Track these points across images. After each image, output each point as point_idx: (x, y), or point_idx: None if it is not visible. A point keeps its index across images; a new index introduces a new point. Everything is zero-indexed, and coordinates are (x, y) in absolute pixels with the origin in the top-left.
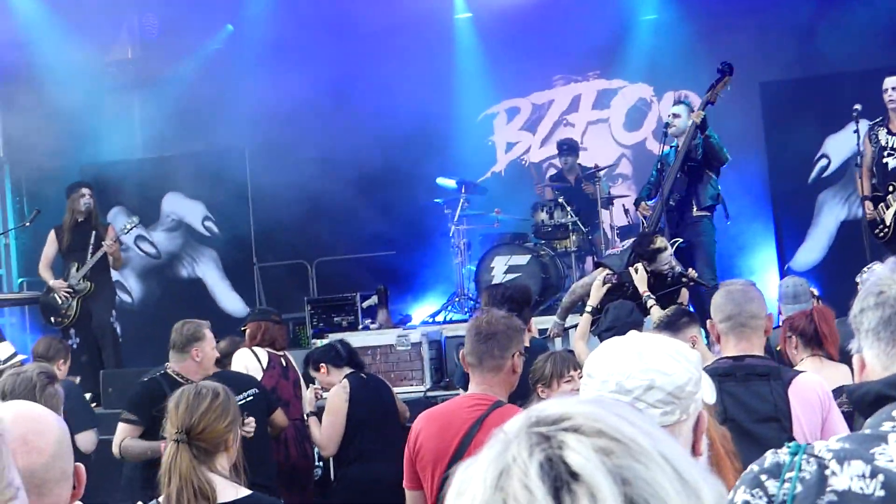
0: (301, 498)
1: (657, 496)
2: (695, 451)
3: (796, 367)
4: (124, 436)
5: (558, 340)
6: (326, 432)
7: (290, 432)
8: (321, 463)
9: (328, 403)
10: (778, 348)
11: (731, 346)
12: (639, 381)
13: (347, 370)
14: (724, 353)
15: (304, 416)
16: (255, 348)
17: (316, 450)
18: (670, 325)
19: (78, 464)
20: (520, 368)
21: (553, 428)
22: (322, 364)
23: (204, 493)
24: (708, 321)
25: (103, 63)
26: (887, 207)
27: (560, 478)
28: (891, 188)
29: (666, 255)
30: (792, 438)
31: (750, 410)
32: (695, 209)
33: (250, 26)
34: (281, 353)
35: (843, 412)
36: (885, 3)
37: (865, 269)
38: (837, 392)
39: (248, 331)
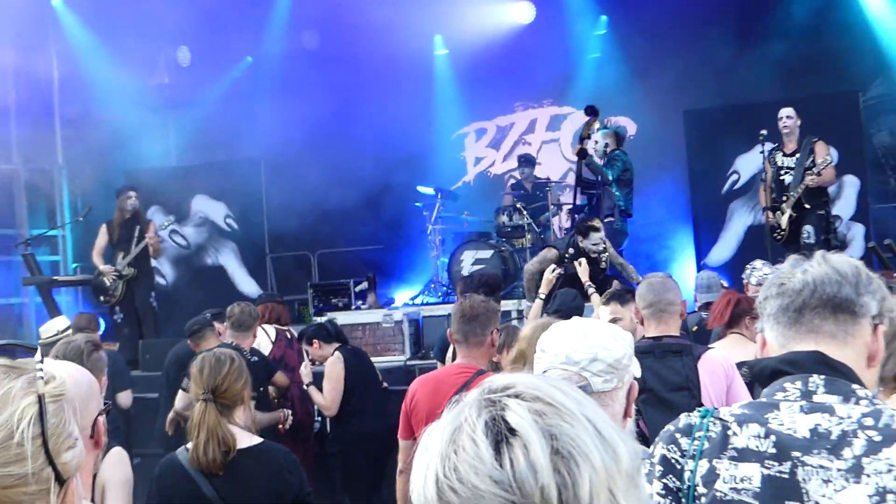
0: (303, 447)
1: (579, 449)
2: (626, 413)
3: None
4: None
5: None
6: (330, 396)
7: (296, 393)
8: (319, 419)
9: (328, 373)
10: (694, 329)
11: (651, 328)
12: (585, 355)
13: (336, 344)
14: (646, 333)
15: (305, 385)
16: (264, 326)
17: (315, 408)
18: (619, 298)
19: (99, 417)
20: (497, 342)
21: (499, 394)
22: (314, 340)
23: (226, 441)
24: (633, 307)
25: (145, 86)
26: (782, 214)
27: (501, 433)
28: (784, 198)
29: (598, 236)
30: (701, 404)
31: (665, 381)
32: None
33: (267, 59)
34: (286, 327)
35: (746, 382)
36: (786, 44)
37: (748, 267)
38: (740, 365)
39: (260, 311)
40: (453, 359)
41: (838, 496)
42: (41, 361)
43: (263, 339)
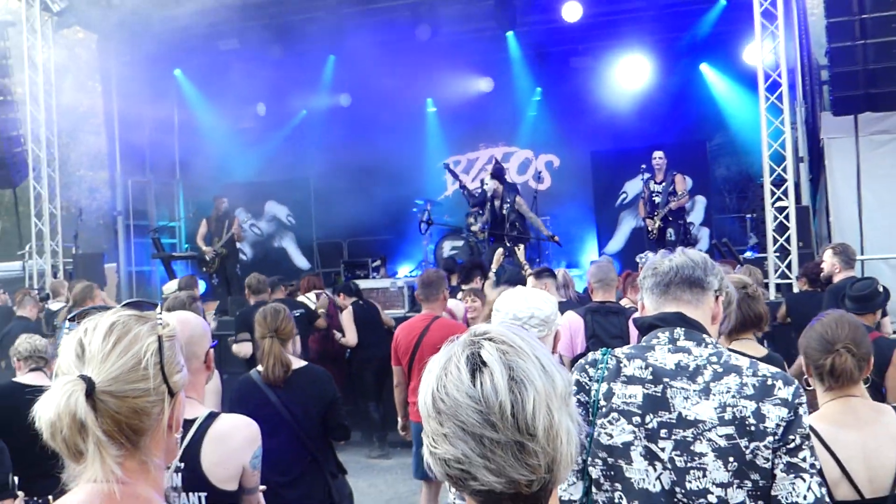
0: (338, 368)
1: (528, 377)
2: (554, 350)
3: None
4: None
5: None
6: (349, 335)
7: (333, 333)
8: (348, 350)
9: (344, 321)
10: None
11: (598, 295)
12: (525, 313)
13: (354, 299)
14: (595, 299)
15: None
16: (306, 294)
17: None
18: (539, 276)
19: (210, 349)
20: (447, 299)
21: (478, 337)
22: (341, 293)
23: (286, 363)
24: (546, 282)
25: (235, 128)
26: (654, 223)
27: (476, 364)
28: (655, 213)
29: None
30: None
31: (606, 331)
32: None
33: (315, 112)
34: (321, 290)
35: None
36: (660, 106)
37: (640, 255)
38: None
39: (303, 283)
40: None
41: (694, 408)
42: (160, 313)
43: (308, 302)
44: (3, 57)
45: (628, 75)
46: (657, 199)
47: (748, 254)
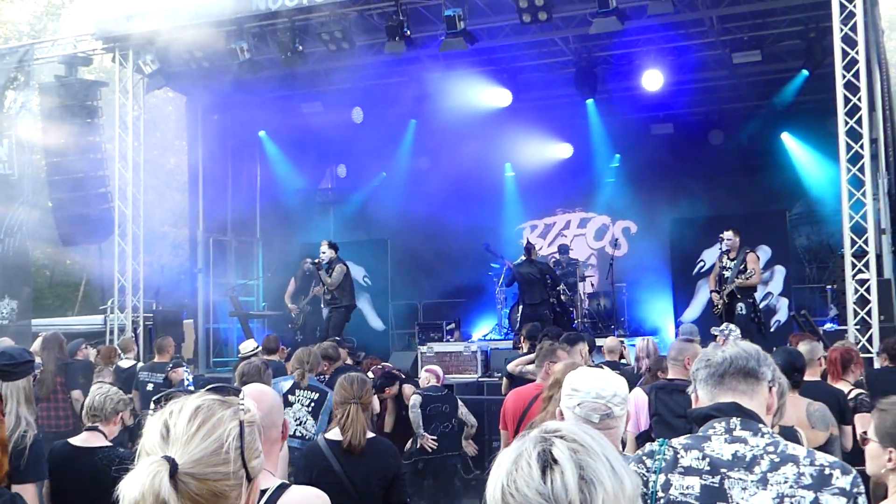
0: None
1: (597, 477)
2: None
3: None
4: None
5: None
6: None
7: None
8: None
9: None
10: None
11: (671, 372)
12: (609, 392)
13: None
14: (667, 376)
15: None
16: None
17: None
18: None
19: (285, 419)
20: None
21: (550, 434)
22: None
23: (365, 431)
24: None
25: (316, 189)
26: (719, 298)
27: (547, 461)
28: (723, 288)
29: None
30: (692, 428)
31: (670, 409)
32: None
33: (396, 174)
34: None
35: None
36: (741, 176)
37: (719, 328)
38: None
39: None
40: None
41: (752, 499)
42: (243, 398)
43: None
44: (95, 115)
45: (708, 143)
46: (725, 275)
47: (828, 325)
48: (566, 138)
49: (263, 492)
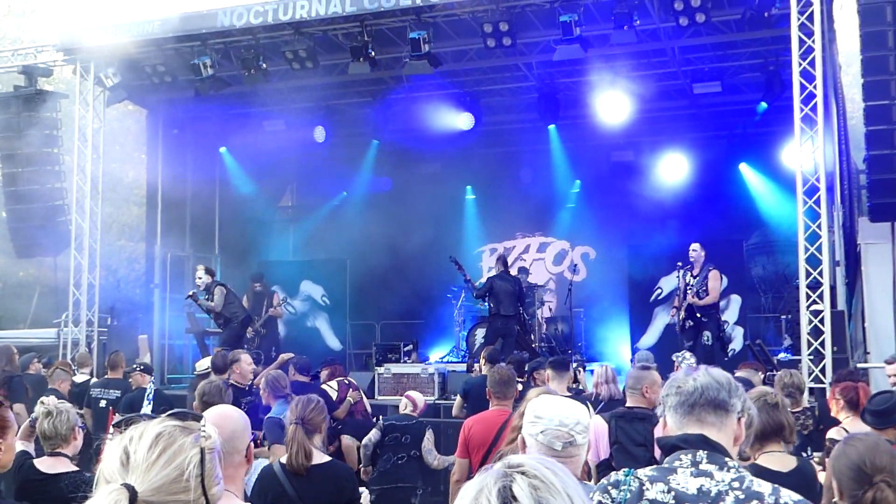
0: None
1: None
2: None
3: None
4: None
5: None
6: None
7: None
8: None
9: None
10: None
11: (630, 400)
12: (572, 420)
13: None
14: (627, 404)
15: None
16: (329, 383)
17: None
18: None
19: (251, 442)
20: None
21: (512, 469)
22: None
23: (308, 452)
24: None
25: (275, 207)
26: (677, 312)
27: (507, 498)
28: (681, 307)
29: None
30: (654, 457)
31: (631, 438)
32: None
33: (356, 195)
34: (344, 378)
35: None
36: (698, 207)
37: (677, 354)
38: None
39: (324, 372)
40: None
41: None
42: (203, 425)
43: (330, 390)
44: (54, 127)
45: (667, 172)
46: (689, 292)
47: (782, 355)
48: (527, 163)
49: None
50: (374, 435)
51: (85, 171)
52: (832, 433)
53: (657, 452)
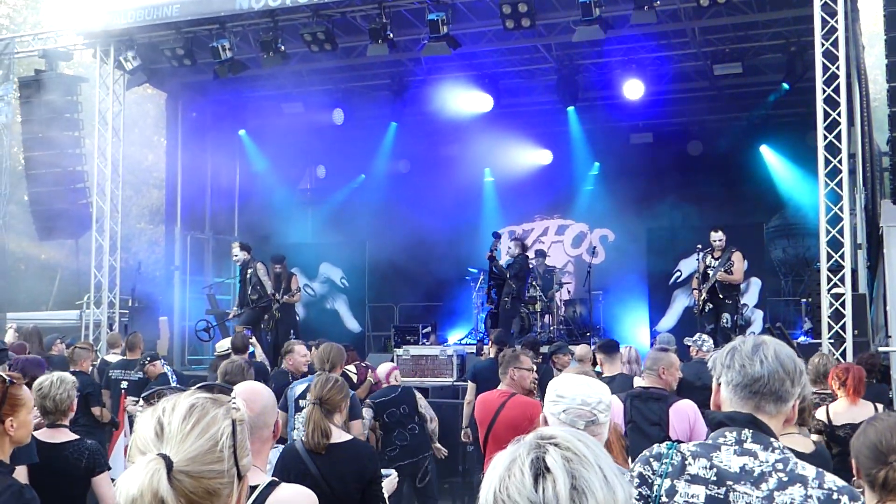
0: None
1: (590, 487)
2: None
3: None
4: None
5: None
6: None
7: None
8: None
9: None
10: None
11: (645, 380)
12: (594, 399)
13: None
14: (641, 384)
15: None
16: (347, 367)
17: None
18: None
19: (278, 418)
20: (522, 379)
21: (544, 441)
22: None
23: (326, 432)
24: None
25: (295, 190)
26: (700, 294)
27: (540, 469)
28: (703, 287)
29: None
30: (667, 436)
31: (645, 417)
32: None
33: (374, 177)
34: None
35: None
36: (720, 188)
37: (692, 338)
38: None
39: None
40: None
41: None
42: (233, 397)
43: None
44: (74, 111)
45: (687, 154)
46: (709, 274)
47: (801, 339)
48: (546, 145)
49: (253, 488)
50: (367, 414)
51: (105, 155)
52: (818, 413)
53: (672, 421)
